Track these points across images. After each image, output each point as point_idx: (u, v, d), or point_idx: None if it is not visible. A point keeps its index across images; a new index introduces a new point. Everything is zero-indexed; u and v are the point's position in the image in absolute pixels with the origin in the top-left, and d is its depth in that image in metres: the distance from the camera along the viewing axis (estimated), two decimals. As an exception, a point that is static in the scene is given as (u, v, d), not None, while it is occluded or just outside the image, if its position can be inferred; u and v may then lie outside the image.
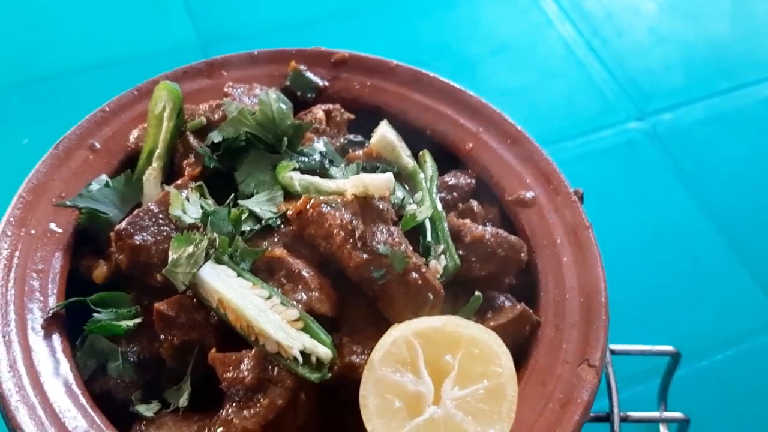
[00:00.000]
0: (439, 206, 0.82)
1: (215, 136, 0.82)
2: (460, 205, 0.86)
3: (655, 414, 1.01)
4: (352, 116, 0.94)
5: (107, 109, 0.88)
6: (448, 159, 0.92)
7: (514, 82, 1.55)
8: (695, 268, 1.29)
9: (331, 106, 0.91)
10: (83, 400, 0.68)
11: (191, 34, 1.54)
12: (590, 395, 0.72)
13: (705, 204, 1.38)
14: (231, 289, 0.69)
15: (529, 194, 0.87)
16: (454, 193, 0.88)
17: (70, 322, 0.74)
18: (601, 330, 0.76)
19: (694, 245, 1.32)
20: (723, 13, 1.73)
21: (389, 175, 0.75)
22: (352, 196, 0.75)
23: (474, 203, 0.85)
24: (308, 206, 0.74)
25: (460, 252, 0.78)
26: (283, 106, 0.84)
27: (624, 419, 0.98)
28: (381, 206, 0.75)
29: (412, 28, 1.62)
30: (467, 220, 0.81)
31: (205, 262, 0.70)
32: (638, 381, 1.13)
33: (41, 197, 0.80)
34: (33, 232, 0.78)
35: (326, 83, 0.96)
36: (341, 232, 0.72)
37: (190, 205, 0.76)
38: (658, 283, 1.27)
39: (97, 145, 0.86)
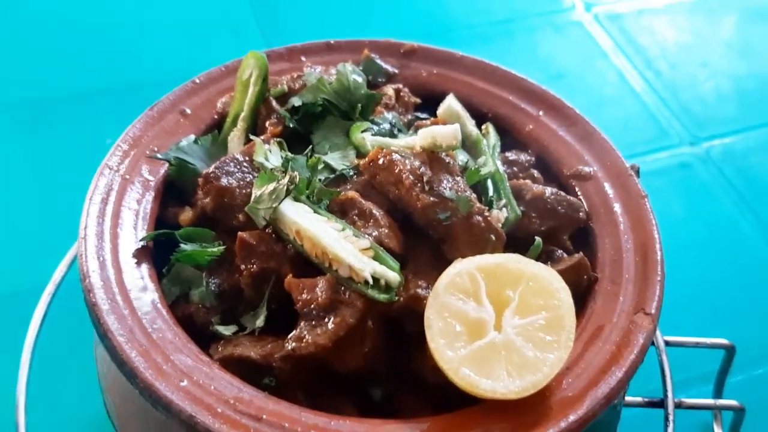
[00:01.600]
0: (501, 168, 0.87)
1: (295, 101, 0.89)
2: (521, 175, 0.91)
3: (710, 401, 1.02)
4: (419, 100, 1.00)
5: (197, 81, 0.97)
6: (509, 141, 0.98)
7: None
8: (749, 279, 1.30)
9: (400, 86, 0.98)
10: (167, 317, 0.74)
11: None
12: (646, 339, 0.74)
13: (756, 221, 1.40)
14: (308, 221, 0.75)
15: (587, 169, 0.92)
16: (514, 168, 0.93)
17: (157, 256, 0.81)
18: (657, 284, 0.79)
19: (747, 258, 1.34)
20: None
21: (456, 125, 0.80)
22: (421, 148, 0.80)
23: (534, 172, 0.90)
24: (380, 155, 0.80)
25: (521, 208, 0.83)
26: (358, 78, 0.91)
27: (678, 405, 0.99)
28: (447, 160, 0.81)
29: (473, 55, 1.70)
30: (528, 180, 0.86)
31: (285, 197, 0.76)
32: (694, 375, 1.13)
33: (135, 148, 0.88)
34: (128, 176, 0.85)
35: (396, 70, 1.03)
36: (410, 176, 0.77)
37: (271, 154, 0.82)
38: (712, 291, 1.28)
39: (188, 111, 0.94)
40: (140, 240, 0.79)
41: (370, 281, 0.71)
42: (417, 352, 0.75)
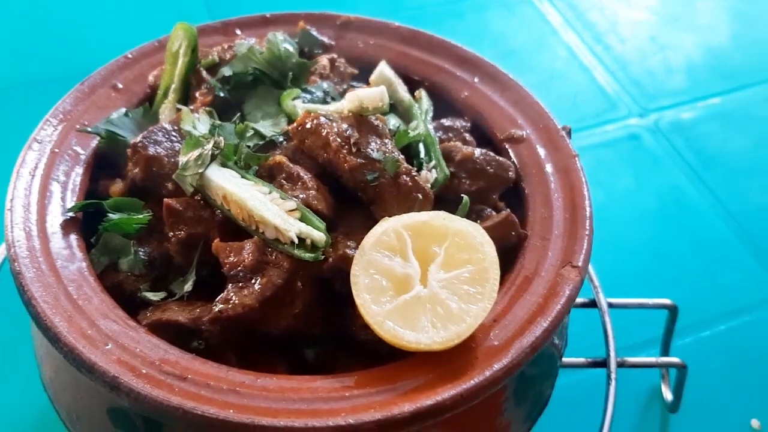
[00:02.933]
0: (432, 132, 0.87)
1: (226, 71, 0.89)
2: (454, 140, 0.92)
3: (651, 359, 1.03)
4: (355, 71, 1.01)
5: (129, 56, 0.97)
6: (445, 107, 0.98)
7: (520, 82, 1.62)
8: (697, 246, 1.32)
9: (335, 56, 0.98)
10: (95, 284, 0.74)
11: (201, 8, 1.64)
12: (572, 290, 0.75)
13: (705, 189, 1.42)
14: (235, 185, 0.75)
15: (520, 132, 0.93)
16: (450, 134, 0.94)
17: (85, 227, 0.80)
18: (585, 238, 0.80)
19: (695, 226, 1.36)
20: (721, 24, 1.80)
21: (382, 87, 0.81)
22: (349, 112, 0.81)
23: (466, 135, 0.91)
24: (307, 119, 0.80)
25: (451, 169, 0.84)
26: (290, 47, 0.92)
27: (621, 364, 1.00)
28: (376, 123, 0.81)
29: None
30: (458, 143, 0.86)
31: (211, 162, 0.76)
32: (641, 339, 1.15)
33: (65, 122, 0.88)
34: (56, 150, 0.85)
35: (332, 42, 1.03)
36: (337, 138, 0.78)
37: (199, 123, 0.82)
38: (659, 258, 1.30)
39: (120, 85, 0.93)
40: (68, 211, 0.79)
41: (296, 241, 0.71)
42: (348, 311, 0.75)
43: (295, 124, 0.80)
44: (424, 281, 0.71)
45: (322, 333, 0.77)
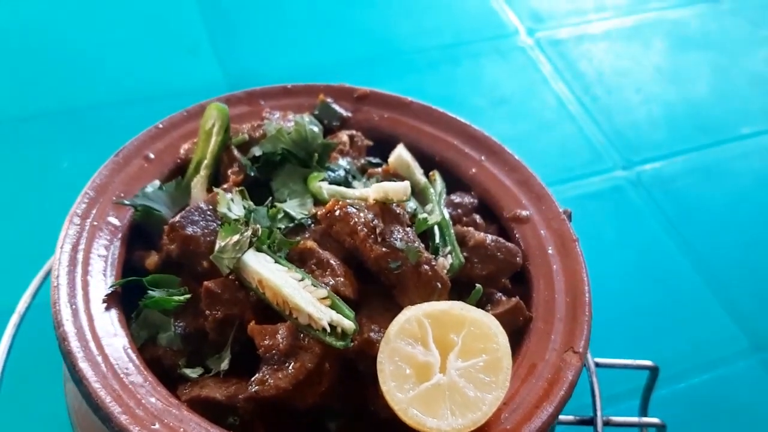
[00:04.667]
0: (447, 216, 0.94)
1: (256, 150, 0.96)
2: (465, 218, 0.99)
3: (635, 419, 1.11)
4: (370, 143, 1.07)
5: (160, 126, 1.02)
6: (454, 183, 1.05)
7: (512, 131, 1.70)
8: (674, 299, 1.42)
9: (354, 132, 1.05)
10: (137, 361, 0.80)
11: (219, 76, 1.70)
12: (574, 375, 0.83)
13: (683, 243, 1.52)
14: (270, 271, 0.82)
15: (525, 212, 1.00)
16: (459, 210, 1.01)
17: (125, 301, 0.86)
18: (585, 323, 0.88)
19: (673, 279, 1.45)
20: (703, 77, 1.90)
21: (406, 183, 0.88)
22: (374, 201, 0.88)
23: (477, 216, 0.98)
24: (336, 207, 0.86)
25: (464, 254, 0.91)
26: (315, 128, 0.98)
27: (606, 423, 1.09)
28: (398, 211, 0.88)
29: (420, 80, 1.78)
30: (471, 228, 0.94)
31: (248, 248, 0.82)
32: (622, 396, 1.24)
33: (102, 195, 0.93)
34: (95, 223, 0.90)
35: (349, 114, 1.10)
36: (364, 228, 0.85)
37: (234, 204, 0.88)
38: (639, 311, 1.39)
39: (152, 156, 0.99)
40: (110, 287, 0.85)
41: (328, 329, 0.78)
42: (369, 389, 0.82)
43: (324, 211, 0.87)
44: (443, 368, 0.78)
45: (342, 407, 0.83)
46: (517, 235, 0.98)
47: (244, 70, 1.73)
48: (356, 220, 0.85)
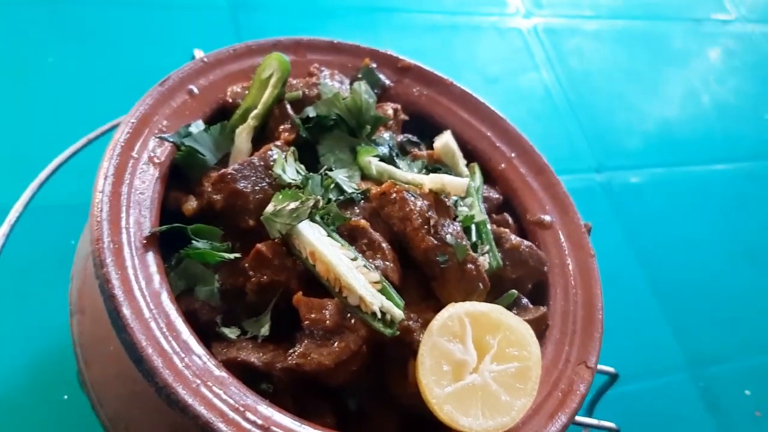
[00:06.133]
0: (485, 213, 0.96)
1: (310, 111, 0.93)
2: (494, 216, 1.01)
3: (594, 421, 1.19)
4: (407, 118, 1.07)
5: (205, 60, 0.97)
6: (482, 174, 1.07)
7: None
8: (626, 308, 1.50)
9: (398, 107, 1.04)
10: (178, 314, 0.77)
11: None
12: (585, 389, 0.88)
13: (641, 253, 1.60)
14: (324, 245, 0.81)
15: (548, 218, 1.03)
16: (485, 204, 1.02)
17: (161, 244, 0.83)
18: (597, 340, 0.93)
19: (628, 288, 1.54)
20: (677, 96, 1.98)
21: (467, 180, 0.88)
22: (429, 191, 0.88)
23: (507, 216, 1.00)
24: (392, 190, 0.86)
25: (499, 255, 0.93)
26: (370, 99, 0.96)
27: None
28: (448, 203, 0.89)
29: (419, 41, 1.76)
30: (507, 230, 0.96)
31: (305, 218, 0.81)
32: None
33: (146, 126, 0.88)
34: (136, 156, 0.86)
35: (391, 84, 1.08)
36: (419, 218, 0.85)
37: (288, 166, 0.86)
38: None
39: (196, 91, 0.94)
40: (151, 230, 0.81)
41: (378, 314, 0.79)
42: (393, 373, 0.84)
43: (379, 191, 0.86)
44: (476, 369, 0.81)
45: (365, 387, 0.85)
46: (538, 240, 1.01)
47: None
48: (411, 207, 0.85)
